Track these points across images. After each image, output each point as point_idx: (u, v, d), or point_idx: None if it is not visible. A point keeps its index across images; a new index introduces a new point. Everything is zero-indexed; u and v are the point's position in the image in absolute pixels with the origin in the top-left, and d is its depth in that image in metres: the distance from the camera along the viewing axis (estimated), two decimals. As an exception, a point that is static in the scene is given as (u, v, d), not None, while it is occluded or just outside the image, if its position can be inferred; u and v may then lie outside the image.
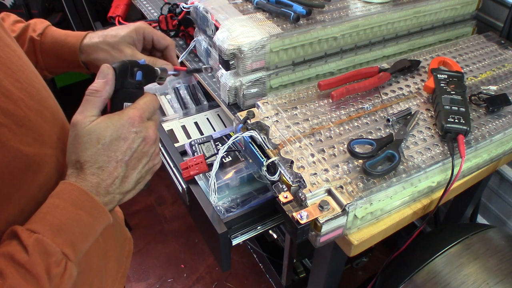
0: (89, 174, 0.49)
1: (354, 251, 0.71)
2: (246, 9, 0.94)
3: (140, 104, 0.53)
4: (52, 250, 0.45)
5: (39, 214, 0.47)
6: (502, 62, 0.99)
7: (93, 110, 0.50)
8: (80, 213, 0.48)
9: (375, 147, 0.72)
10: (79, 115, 0.50)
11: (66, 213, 0.47)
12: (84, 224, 0.48)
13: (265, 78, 0.89)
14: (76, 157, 0.49)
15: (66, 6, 1.77)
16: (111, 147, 0.50)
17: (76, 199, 0.48)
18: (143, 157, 0.53)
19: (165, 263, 1.77)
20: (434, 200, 0.76)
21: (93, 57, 0.67)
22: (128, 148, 0.51)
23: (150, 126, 0.54)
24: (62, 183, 0.49)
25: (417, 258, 0.92)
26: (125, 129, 0.51)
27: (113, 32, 0.67)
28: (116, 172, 0.50)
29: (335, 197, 0.67)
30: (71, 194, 0.48)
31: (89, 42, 0.67)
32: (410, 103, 0.87)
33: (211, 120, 1.09)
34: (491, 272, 0.86)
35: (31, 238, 0.44)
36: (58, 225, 0.46)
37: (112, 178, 0.50)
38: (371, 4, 0.98)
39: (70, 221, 0.47)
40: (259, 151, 0.77)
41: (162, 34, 0.70)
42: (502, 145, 0.83)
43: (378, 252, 1.65)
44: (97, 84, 0.51)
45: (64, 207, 0.47)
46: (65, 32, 0.68)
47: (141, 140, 0.52)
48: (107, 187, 0.50)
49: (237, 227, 0.78)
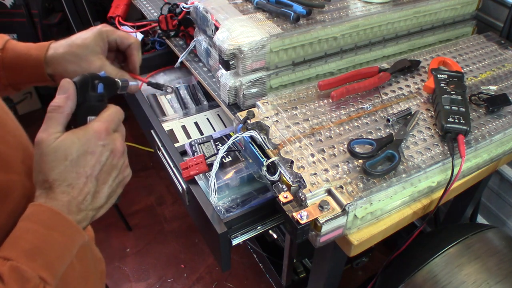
0: (59, 193, 0.48)
1: (354, 251, 0.71)
2: (246, 9, 0.94)
3: (104, 116, 0.52)
4: (28, 275, 0.43)
5: (10, 239, 0.45)
6: (502, 62, 0.99)
7: (56, 127, 0.49)
8: (53, 234, 0.46)
9: (375, 147, 0.72)
10: (43, 133, 0.48)
11: (39, 236, 0.46)
12: (59, 245, 0.47)
13: (265, 78, 0.89)
14: (43, 177, 0.48)
15: (66, 6, 1.77)
16: (79, 162, 0.48)
17: (48, 220, 0.46)
18: (113, 170, 0.52)
19: (165, 263, 1.77)
20: (434, 200, 0.76)
21: (61, 69, 0.64)
22: (97, 162, 0.50)
23: (116, 138, 0.52)
24: (31, 205, 0.47)
25: (417, 258, 0.92)
26: (92, 143, 0.49)
27: (78, 42, 0.63)
28: (87, 188, 0.49)
29: (335, 197, 0.67)
30: (42, 215, 0.47)
31: (54, 54, 0.63)
32: (410, 103, 0.87)
33: (211, 120, 1.09)
34: (491, 272, 0.86)
35: (5, 266, 0.42)
36: (32, 249, 0.45)
37: (83, 194, 0.49)
38: (371, 4, 0.98)
39: (44, 243, 0.46)
40: (259, 151, 0.77)
41: (124, 35, 0.67)
42: (502, 145, 0.83)
43: (378, 252, 1.65)
44: (58, 100, 0.50)
45: (36, 230, 0.46)
46: (27, 45, 0.65)
47: (109, 153, 0.51)
48: (78, 204, 0.49)
49: (237, 227, 0.78)
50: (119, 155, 0.52)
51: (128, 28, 1.26)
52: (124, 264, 1.76)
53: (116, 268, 1.74)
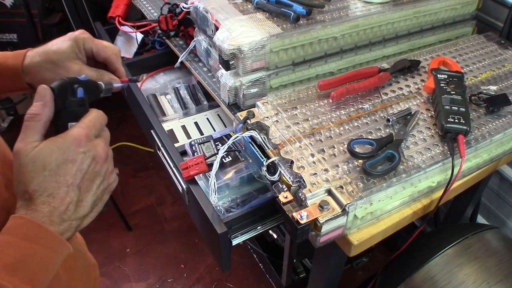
0: (39, 203, 0.46)
1: (354, 251, 0.71)
2: (246, 9, 0.94)
3: (85, 122, 0.51)
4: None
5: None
6: (502, 62, 0.99)
7: (34, 135, 0.47)
8: (35, 247, 0.45)
9: (375, 147, 0.72)
10: (20, 143, 0.47)
11: (20, 249, 0.44)
12: (41, 258, 0.45)
13: (265, 78, 0.89)
14: (23, 188, 0.46)
15: (66, 6, 1.77)
16: (58, 171, 0.47)
17: (29, 232, 0.45)
18: (96, 177, 0.50)
19: (165, 263, 1.77)
20: (434, 200, 0.76)
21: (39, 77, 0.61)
22: (78, 170, 0.48)
23: (98, 144, 0.51)
24: (12, 218, 0.46)
25: (417, 258, 0.92)
26: (72, 150, 0.48)
27: (54, 48, 0.61)
28: (69, 197, 0.47)
29: (335, 197, 0.67)
30: (22, 228, 0.45)
31: (31, 63, 0.61)
32: (410, 103, 0.87)
33: (211, 120, 1.09)
34: (491, 272, 0.86)
35: None
36: (13, 264, 0.43)
37: (65, 204, 0.47)
38: (371, 4, 0.98)
39: (25, 257, 0.44)
40: (259, 151, 0.77)
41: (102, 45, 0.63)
42: (502, 145, 0.83)
43: (378, 252, 1.65)
44: (35, 108, 0.48)
45: (16, 243, 0.44)
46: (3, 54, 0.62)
47: (90, 160, 0.49)
48: (61, 214, 0.47)
49: (237, 227, 0.78)
50: (102, 161, 0.51)
51: (128, 28, 1.26)
52: (124, 264, 1.76)
53: (116, 268, 1.74)
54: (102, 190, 0.52)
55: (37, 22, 1.77)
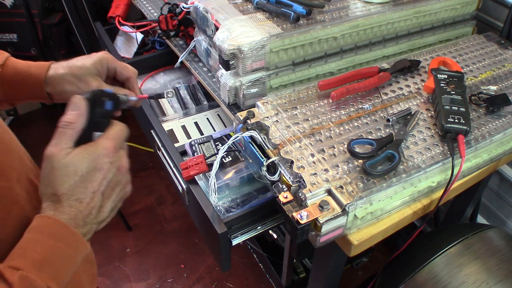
0: (66, 206, 0.49)
1: (354, 251, 0.71)
2: (246, 9, 0.94)
3: (112, 134, 0.54)
4: (37, 285, 0.44)
5: (19, 250, 0.47)
6: (502, 62, 0.99)
7: (67, 142, 0.51)
8: (61, 246, 0.48)
9: (375, 147, 0.72)
10: (54, 147, 0.50)
11: (47, 247, 0.47)
12: (65, 257, 0.48)
13: (265, 78, 0.89)
14: (52, 190, 0.49)
15: (66, 6, 1.77)
16: (87, 178, 0.50)
17: (55, 232, 0.48)
18: (117, 186, 0.54)
19: (165, 263, 1.77)
20: (434, 200, 0.76)
21: (60, 89, 0.66)
22: (104, 179, 0.51)
23: (122, 155, 0.55)
24: (39, 217, 0.49)
25: (417, 258, 0.92)
26: (101, 160, 0.51)
27: (78, 64, 0.66)
28: (93, 202, 0.51)
29: (335, 197, 0.67)
30: (50, 228, 0.48)
31: (54, 74, 0.66)
32: (410, 103, 0.87)
33: (211, 120, 1.09)
34: (491, 272, 0.86)
35: (16, 275, 0.43)
36: (40, 260, 0.46)
37: (89, 209, 0.50)
38: (371, 4, 0.98)
39: (51, 255, 0.47)
40: (259, 151, 0.77)
41: (124, 66, 0.69)
42: (502, 145, 0.83)
43: (378, 252, 1.65)
44: (70, 116, 0.52)
45: (44, 242, 0.47)
46: (27, 63, 0.67)
47: (115, 170, 0.53)
48: (84, 218, 0.50)
49: (237, 227, 0.78)
50: (124, 172, 0.55)
51: (128, 28, 1.26)
52: (124, 264, 1.76)
53: (116, 268, 1.74)
54: (120, 198, 0.55)
55: (37, 22, 1.77)
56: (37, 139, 0.57)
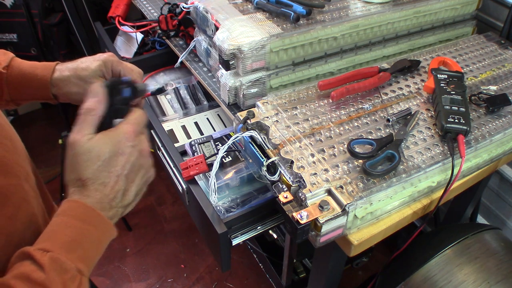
0: (92, 190, 0.50)
1: (354, 251, 0.71)
2: (246, 9, 0.94)
3: (132, 119, 0.55)
4: (67, 266, 0.46)
5: (48, 233, 0.48)
6: (502, 62, 0.99)
7: (89, 128, 0.52)
8: (89, 229, 0.49)
9: (375, 147, 0.72)
10: (77, 134, 0.51)
11: (76, 230, 0.48)
12: (93, 239, 0.50)
13: (265, 78, 0.89)
14: (77, 175, 0.50)
15: (66, 6, 1.77)
16: (111, 162, 0.51)
17: (83, 215, 0.49)
18: (140, 169, 0.55)
19: (165, 263, 1.77)
20: (434, 200, 0.76)
21: (65, 90, 0.67)
22: (127, 162, 0.52)
23: (143, 139, 0.55)
24: (66, 201, 0.50)
25: (417, 258, 0.92)
26: (122, 144, 0.52)
27: (83, 65, 0.66)
28: (118, 186, 0.52)
29: (335, 197, 0.67)
30: (77, 211, 0.49)
31: (60, 76, 0.66)
32: (410, 103, 0.87)
33: (211, 120, 1.09)
34: (491, 272, 0.86)
35: (46, 257, 0.45)
36: (70, 242, 0.47)
37: (114, 192, 0.51)
38: (371, 4, 0.98)
39: (80, 237, 0.48)
40: (259, 151, 0.77)
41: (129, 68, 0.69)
42: (502, 145, 0.83)
43: (378, 252, 1.65)
44: (91, 103, 0.53)
45: (72, 224, 0.48)
46: (32, 64, 0.67)
47: (137, 154, 0.54)
48: (110, 201, 0.51)
49: (237, 227, 0.78)
50: (146, 155, 0.55)
51: (128, 28, 1.26)
52: (124, 264, 1.76)
53: (116, 268, 1.74)
54: (144, 182, 0.56)
55: (37, 22, 1.77)
56: (37, 139, 0.57)
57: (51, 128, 2.27)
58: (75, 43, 1.92)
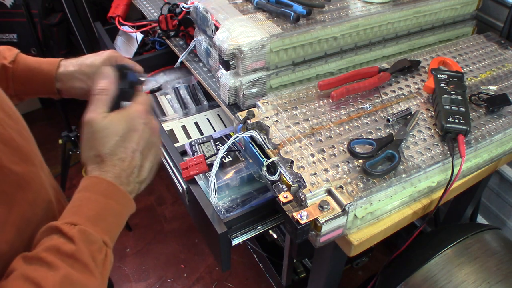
0: (110, 165, 0.52)
1: (354, 251, 0.71)
2: (246, 9, 0.94)
3: (140, 100, 0.58)
4: (94, 238, 0.48)
5: (72, 208, 0.50)
6: (502, 62, 0.99)
7: (103, 107, 0.54)
8: (111, 203, 0.51)
9: (375, 147, 0.72)
10: (92, 113, 0.53)
11: (99, 204, 0.51)
12: (116, 213, 0.52)
13: (265, 78, 0.89)
14: (95, 152, 0.52)
15: (66, 6, 1.77)
16: (126, 138, 0.54)
17: (105, 190, 0.51)
18: (152, 147, 0.57)
19: (165, 263, 1.77)
20: (434, 200, 0.76)
21: (69, 85, 0.69)
22: (141, 138, 0.55)
23: (152, 118, 0.58)
24: (87, 178, 0.52)
25: (417, 258, 0.92)
26: (135, 121, 0.55)
27: (88, 62, 0.69)
28: (134, 161, 0.54)
29: (335, 197, 0.67)
30: (99, 186, 0.51)
31: (64, 71, 0.69)
32: (410, 103, 0.87)
33: (211, 120, 1.09)
34: (491, 272, 0.86)
35: (75, 229, 0.47)
36: (95, 216, 0.50)
37: (131, 167, 0.54)
38: (371, 4, 0.98)
39: (104, 211, 0.51)
40: (259, 151, 0.77)
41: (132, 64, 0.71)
42: (502, 145, 0.83)
43: (378, 252, 1.65)
44: (103, 84, 0.56)
45: (96, 199, 0.51)
46: (37, 60, 0.69)
47: (149, 131, 0.56)
48: (128, 176, 0.53)
49: (237, 227, 0.78)
50: (157, 133, 0.58)
51: (128, 28, 1.26)
52: (124, 264, 1.76)
53: (116, 268, 1.74)
54: (156, 159, 0.59)
55: (37, 22, 1.77)
56: (37, 139, 0.58)
57: (51, 128, 2.27)
58: (75, 43, 1.91)
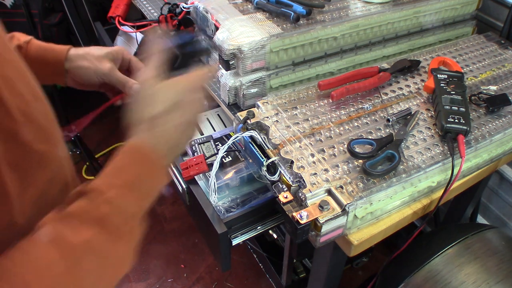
0: (151, 135, 0.53)
1: (354, 251, 0.71)
2: (246, 9, 0.94)
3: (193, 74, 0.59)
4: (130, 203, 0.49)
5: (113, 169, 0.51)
6: (502, 62, 0.99)
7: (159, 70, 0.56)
8: (146, 172, 0.52)
9: (375, 147, 0.72)
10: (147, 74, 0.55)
11: (137, 170, 0.51)
12: (151, 182, 0.52)
13: (265, 78, 0.89)
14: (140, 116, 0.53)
15: (66, 6, 1.77)
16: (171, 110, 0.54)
17: (144, 158, 0.52)
18: (189, 126, 0.57)
19: (165, 263, 1.77)
20: (434, 200, 0.76)
21: (77, 64, 0.71)
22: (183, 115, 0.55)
23: (200, 98, 0.59)
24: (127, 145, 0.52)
25: (417, 258, 0.92)
26: (182, 96, 0.55)
27: (96, 48, 0.72)
28: (175, 135, 0.54)
29: (335, 197, 0.67)
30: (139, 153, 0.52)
31: (74, 53, 0.72)
32: (410, 103, 0.87)
33: (211, 120, 1.09)
34: (491, 272, 0.86)
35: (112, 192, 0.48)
36: (132, 181, 0.50)
37: (172, 140, 0.54)
38: (371, 4, 0.98)
39: (141, 177, 0.51)
40: (259, 151, 0.77)
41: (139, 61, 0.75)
42: (502, 145, 0.83)
43: (378, 252, 1.65)
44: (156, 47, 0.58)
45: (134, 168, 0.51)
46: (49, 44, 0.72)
47: (192, 110, 0.57)
48: (168, 149, 0.54)
49: (237, 227, 0.78)
50: (201, 111, 0.59)
51: (128, 28, 1.26)
52: (124, 264, 1.76)
53: (116, 268, 1.74)
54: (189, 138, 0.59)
55: (37, 22, 1.77)
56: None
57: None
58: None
